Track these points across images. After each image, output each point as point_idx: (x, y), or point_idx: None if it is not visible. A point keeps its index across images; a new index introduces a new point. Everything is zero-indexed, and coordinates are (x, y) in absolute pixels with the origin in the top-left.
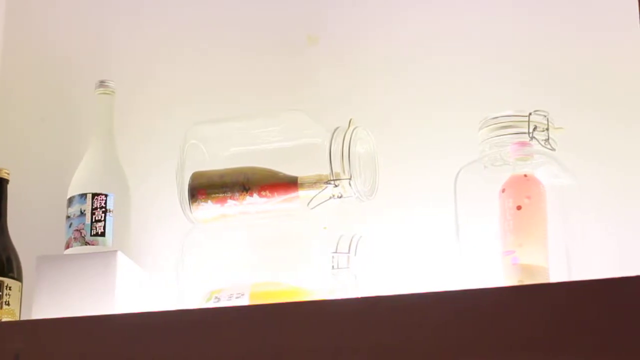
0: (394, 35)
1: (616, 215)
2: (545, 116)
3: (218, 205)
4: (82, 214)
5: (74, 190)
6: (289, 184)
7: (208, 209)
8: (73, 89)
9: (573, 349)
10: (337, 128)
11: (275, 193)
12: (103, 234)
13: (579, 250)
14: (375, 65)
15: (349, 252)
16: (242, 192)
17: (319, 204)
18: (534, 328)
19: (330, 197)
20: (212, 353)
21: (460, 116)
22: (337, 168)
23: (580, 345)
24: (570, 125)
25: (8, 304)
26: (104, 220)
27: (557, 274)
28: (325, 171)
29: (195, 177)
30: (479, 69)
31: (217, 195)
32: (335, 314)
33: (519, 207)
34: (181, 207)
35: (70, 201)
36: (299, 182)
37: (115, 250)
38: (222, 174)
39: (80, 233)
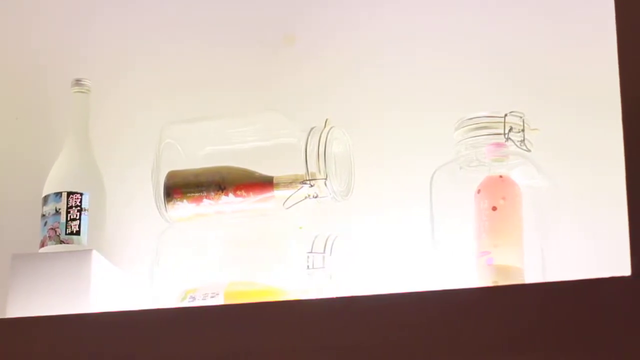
0: (370, 35)
1: (591, 216)
2: (521, 117)
3: (193, 205)
4: (57, 212)
5: (49, 189)
6: (264, 183)
7: (183, 208)
8: (48, 87)
9: (547, 349)
10: (313, 128)
11: (251, 193)
12: (78, 233)
13: (554, 251)
14: (352, 65)
15: (324, 252)
16: (218, 191)
17: (294, 204)
18: (508, 329)
19: (306, 197)
20: (187, 352)
21: (436, 117)
22: (312, 168)
23: (555, 345)
24: (545, 126)
25: None
26: (79, 219)
27: (532, 275)
28: (301, 171)
29: (171, 176)
30: (455, 69)
31: (193, 194)
32: (309, 314)
33: (494, 208)
34: (156, 206)
35: (46, 200)
36: (274, 181)
37: (90, 249)
38: (198, 173)
39: (55, 232)
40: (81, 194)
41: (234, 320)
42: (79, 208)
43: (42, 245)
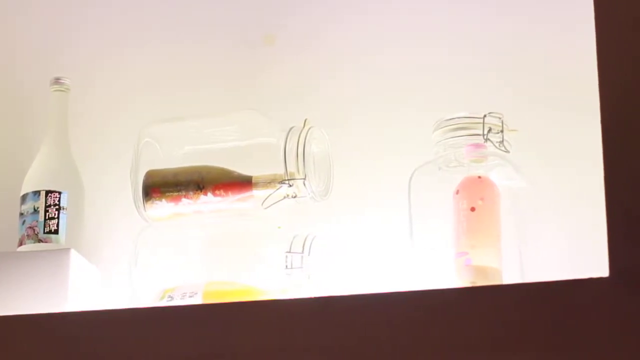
0: (350, 36)
1: (569, 217)
2: (499, 118)
3: (172, 204)
4: (36, 211)
5: (27, 188)
6: (243, 183)
7: (162, 207)
8: (26, 86)
9: (525, 350)
10: (292, 128)
11: (230, 192)
12: (56, 232)
13: (532, 252)
14: (332, 65)
15: (302, 252)
16: (197, 190)
17: (273, 204)
18: (486, 329)
19: (285, 197)
20: (165, 351)
21: (415, 117)
22: (291, 168)
23: (533, 346)
24: (524, 126)
25: None
26: (58, 217)
27: (510, 276)
28: (280, 171)
29: (150, 175)
30: (435, 69)
31: (171, 193)
32: (288, 314)
33: (472, 209)
34: (135, 205)
35: (24, 198)
36: (253, 181)
37: (69, 248)
38: (177, 172)
39: (34, 230)
40: (60, 193)
41: (212, 320)
42: (57, 207)
43: (20, 243)
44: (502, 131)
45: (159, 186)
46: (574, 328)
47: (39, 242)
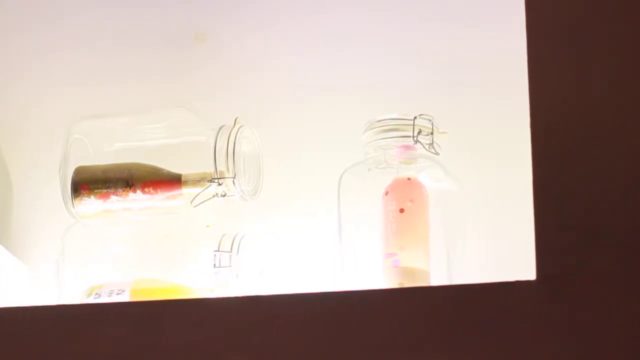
0: (282, 34)
1: (498, 219)
2: (430, 120)
3: (101, 201)
4: None
5: None
6: (172, 181)
7: (91, 204)
8: None
9: (452, 351)
10: (223, 126)
11: (159, 190)
12: None
13: (460, 254)
14: (263, 64)
15: (231, 251)
16: (126, 188)
17: (202, 202)
18: (413, 330)
19: (214, 196)
20: (91, 349)
21: (346, 117)
22: (221, 166)
23: (459, 347)
24: (453, 129)
25: None
26: None
27: (438, 278)
28: (209, 169)
29: (79, 172)
30: (366, 70)
31: (100, 190)
32: (215, 312)
33: (401, 210)
34: (64, 202)
35: None
36: (182, 179)
37: None
38: (106, 169)
39: None
40: None
41: (140, 317)
42: None
43: None
44: (432, 133)
45: (88, 183)
46: (499, 330)
47: None
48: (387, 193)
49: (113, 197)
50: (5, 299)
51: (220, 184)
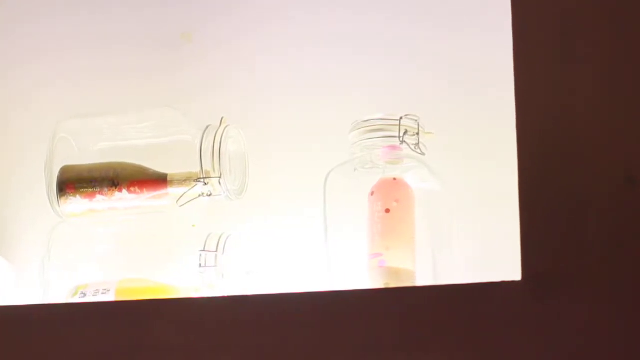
0: (269, 34)
1: (483, 220)
2: (416, 121)
3: (87, 200)
4: None
5: None
6: (158, 180)
7: (76, 203)
8: None
9: (437, 351)
10: (209, 126)
11: (145, 189)
12: None
13: (445, 254)
14: (250, 63)
15: (216, 251)
16: (111, 187)
17: (187, 202)
18: (398, 330)
19: (200, 195)
20: (76, 348)
21: (332, 117)
22: (207, 166)
23: (445, 347)
24: (439, 129)
25: None
26: None
27: (424, 278)
28: (195, 169)
29: (64, 171)
30: (352, 70)
31: (86, 190)
32: (200, 312)
33: (387, 211)
34: (49, 201)
35: None
36: (168, 179)
37: None
38: (91, 168)
39: None
40: None
41: (125, 317)
42: None
43: None
44: (418, 134)
45: (74, 182)
46: (485, 330)
47: None
48: (373, 193)
49: (99, 197)
50: None
51: (206, 184)
